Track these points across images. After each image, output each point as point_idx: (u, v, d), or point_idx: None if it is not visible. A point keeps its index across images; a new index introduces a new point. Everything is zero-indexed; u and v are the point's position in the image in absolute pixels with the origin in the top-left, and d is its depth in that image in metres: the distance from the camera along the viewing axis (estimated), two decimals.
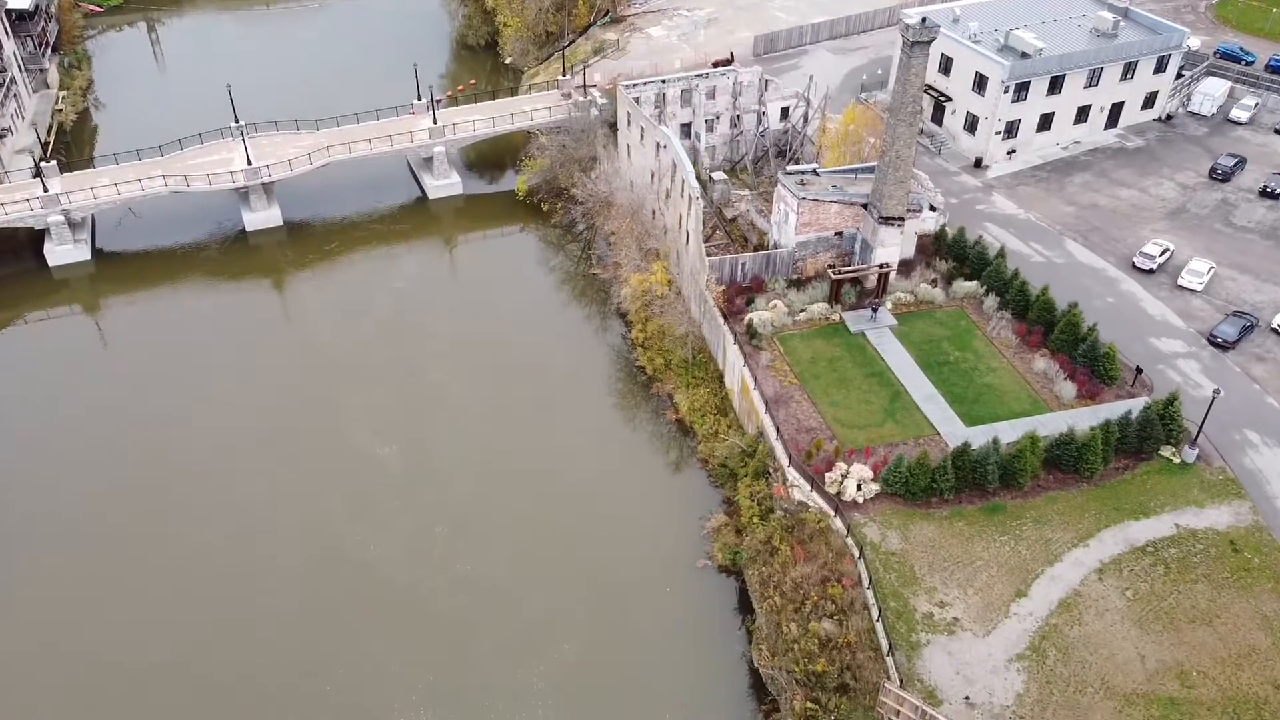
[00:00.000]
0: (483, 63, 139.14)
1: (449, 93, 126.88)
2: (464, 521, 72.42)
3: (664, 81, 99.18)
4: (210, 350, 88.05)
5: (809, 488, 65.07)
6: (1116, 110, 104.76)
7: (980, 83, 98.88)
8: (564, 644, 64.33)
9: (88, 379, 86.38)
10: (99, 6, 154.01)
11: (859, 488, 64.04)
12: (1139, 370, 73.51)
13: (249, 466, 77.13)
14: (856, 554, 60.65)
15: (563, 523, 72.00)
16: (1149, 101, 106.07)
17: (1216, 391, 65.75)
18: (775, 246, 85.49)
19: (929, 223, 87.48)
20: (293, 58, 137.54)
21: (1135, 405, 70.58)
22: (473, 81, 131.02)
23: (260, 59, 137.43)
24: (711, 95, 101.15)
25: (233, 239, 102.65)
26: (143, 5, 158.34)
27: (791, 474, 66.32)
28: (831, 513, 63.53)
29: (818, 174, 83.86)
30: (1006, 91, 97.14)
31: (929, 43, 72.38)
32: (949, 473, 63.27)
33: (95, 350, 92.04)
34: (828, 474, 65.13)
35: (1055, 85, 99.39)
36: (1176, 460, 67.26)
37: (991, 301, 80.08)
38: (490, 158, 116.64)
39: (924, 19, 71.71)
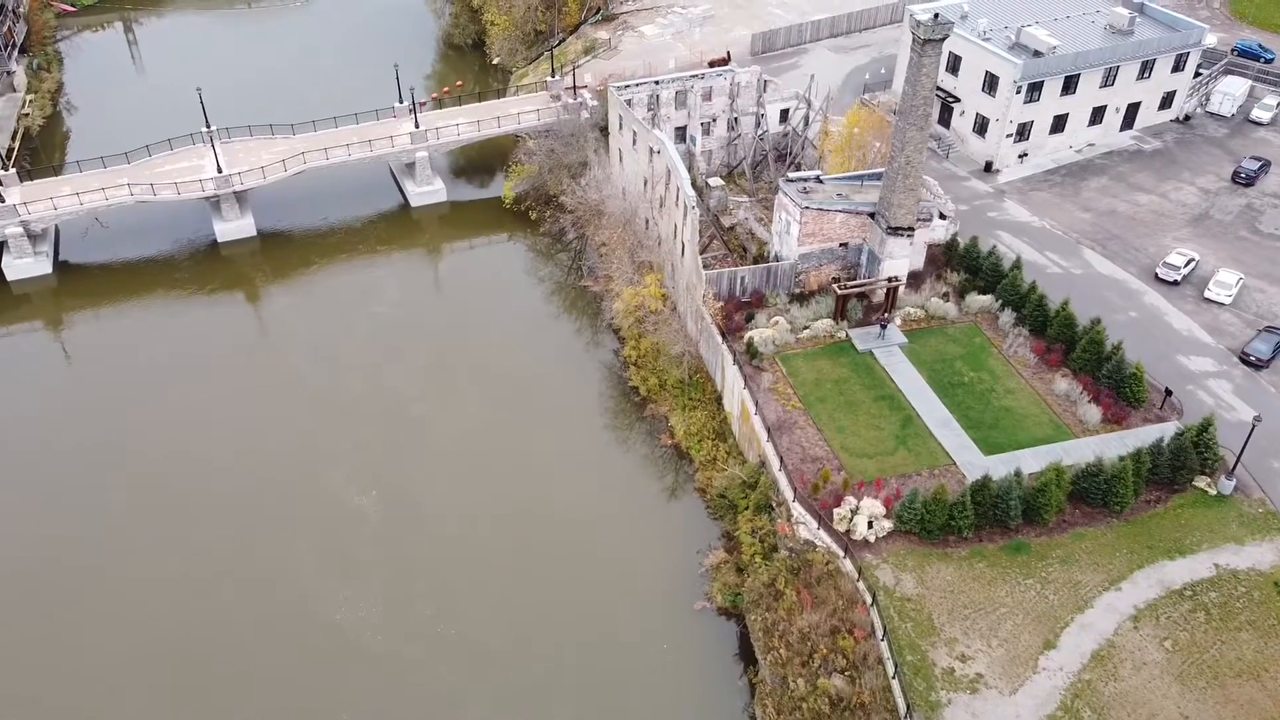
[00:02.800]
0: (470, 62, 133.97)
1: (434, 95, 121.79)
2: (447, 574, 66.18)
3: (657, 83, 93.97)
4: (174, 375, 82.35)
5: (816, 525, 59.97)
6: (1133, 111, 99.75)
7: (991, 83, 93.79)
8: (555, 712, 58.66)
9: (38, 404, 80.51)
10: (72, 6, 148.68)
11: (870, 525, 58.96)
12: (1168, 392, 68.47)
13: (208, 506, 71.03)
14: (869, 600, 55.54)
15: (553, 567, 66.44)
16: (1166, 101, 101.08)
17: (1257, 419, 60.73)
18: (776, 258, 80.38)
19: (939, 232, 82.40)
20: (272, 58, 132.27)
21: (1166, 431, 65.68)
22: (459, 83, 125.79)
23: (238, 59, 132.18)
24: (708, 97, 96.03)
25: (203, 250, 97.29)
26: (118, 4, 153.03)
27: (796, 509, 61.23)
28: (841, 553, 58.43)
29: (821, 181, 78.71)
30: (1019, 92, 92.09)
31: (942, 40, 67.25)
32: (968, 509, 58.21)
33: (51, 372, 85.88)
34: (836, 509, 60.05)
35: (1069, 85, 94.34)
36: (1212, 492, 62.26)
37: (1007, 317, 75.00)
38: (477, 162, 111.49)
39: (936, 15, 66.60)
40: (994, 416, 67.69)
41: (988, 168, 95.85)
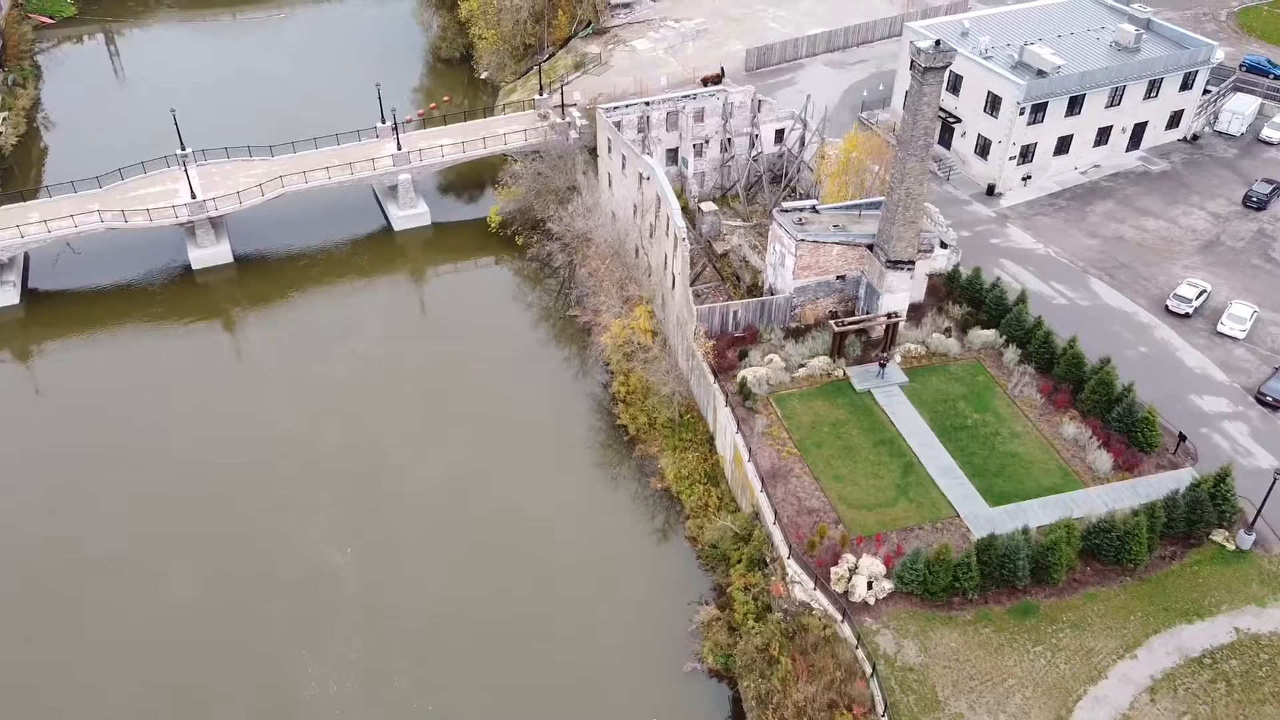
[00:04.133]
0: (458, 76, 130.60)
1: (420, 111, 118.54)
2: (425, 640, 62.24)
3: (648, 104, 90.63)
4: (142, 415, 78.53)
5: (812, 585, 56.64)
6: (1139, 131, 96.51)
7: (993, 103, 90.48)
8: None
9: None
10: (51, 18, 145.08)
11: (870, 586, 55.67)
12: (1182, 437, 65.19)
13: (172, 561, 66.93)
14: (869, 671, 52.21)
15: (537, 625, 62.80)
16: (1174, 121, 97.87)
17: (1278, 472, 57.29)
18: (771, 291, 77.08)
19: (940, 261, 79.12)
20: (254, 73, 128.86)
21: (1180, 479, 62.52)
22: (446, 99, 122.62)
23: (219, 74, 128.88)
24: (700, 118, 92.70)
25: (178, 277, 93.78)
26: (99, 17, 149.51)
27: (792, 567, 57.89)
28: (838, 617, 55.11)
29: (817, 211, 75.42)
30: (1022, 113, 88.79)
31: (944, 69, 63.92)
32: (973, 570, 54.90)
33: (12, 410, 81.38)
34: (833, 568, 56.75)
35: (1074, 105, 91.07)
36: (1230, 546, 59.00)
37: (1012, 354, 71.74)
38: (463, 181, 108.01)
39: (938, 42, 63.27)
40: (999, 463, 64.39)
41: (990, 191, 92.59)
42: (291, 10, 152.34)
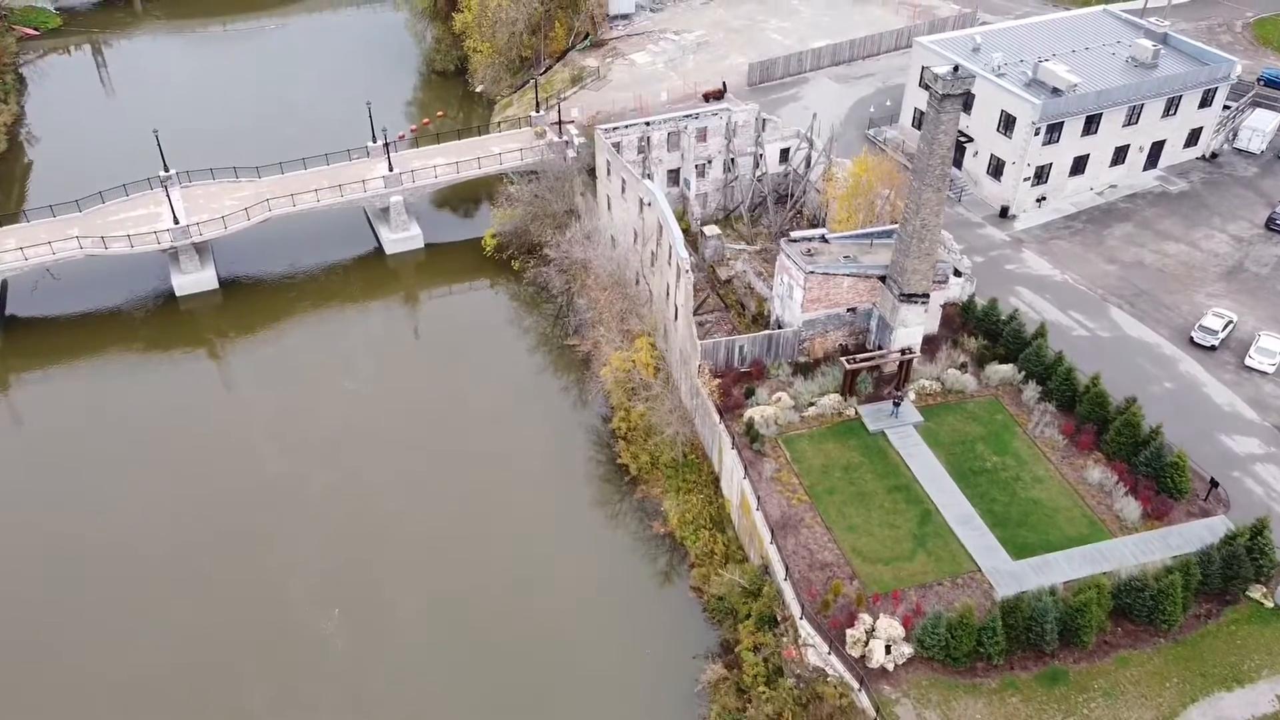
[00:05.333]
0: (453, 89, 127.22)
1: (412, 127, 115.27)
2: (417, 714, 58.78)
3: (648, 124, 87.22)
4: (119, 454, 74.83)
5: (826, 649, 53.31)
6: (1157, 149, 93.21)
7: (1007, 122, 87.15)
8: None
9: None
10: (35, 29, 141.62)
11: (888, 650, 52.35)
12: (1214, 483, 61.83)
13: (143, 621, 62.79)
14: None
15: (537, 678, 59.66)
16: (1192, 139, 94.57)
17: None
18: (778, 324, 73.74)
19: (955, 289, 75.81)
20: (242, 86, 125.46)
21: (1213, 528, 59.24)
22: (440, 113, 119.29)
23: (207, 88, 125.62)
24: (702, 137, 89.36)
25: (162, 304, 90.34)
26: (84, 28, 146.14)
27: (805, 629, 54.54)
28: (855, 685, 51.75)
29: (826, 240, 72.09)
30: (1037, 133, 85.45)
31: (961, 96, 60.57)
32: (998, 634, 51.56)
33: None
34: (849, 629, 53.41)
35: (1091, 124, 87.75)
36: (1269, 604, 55.74)
37: (1032, 391, 68.38)
38: (458, 197, 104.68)
39: (956, 67, 60.02)
40: (1021, 511, 61.04)
41: (1003, 213, 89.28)
42: (284, 20, 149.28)
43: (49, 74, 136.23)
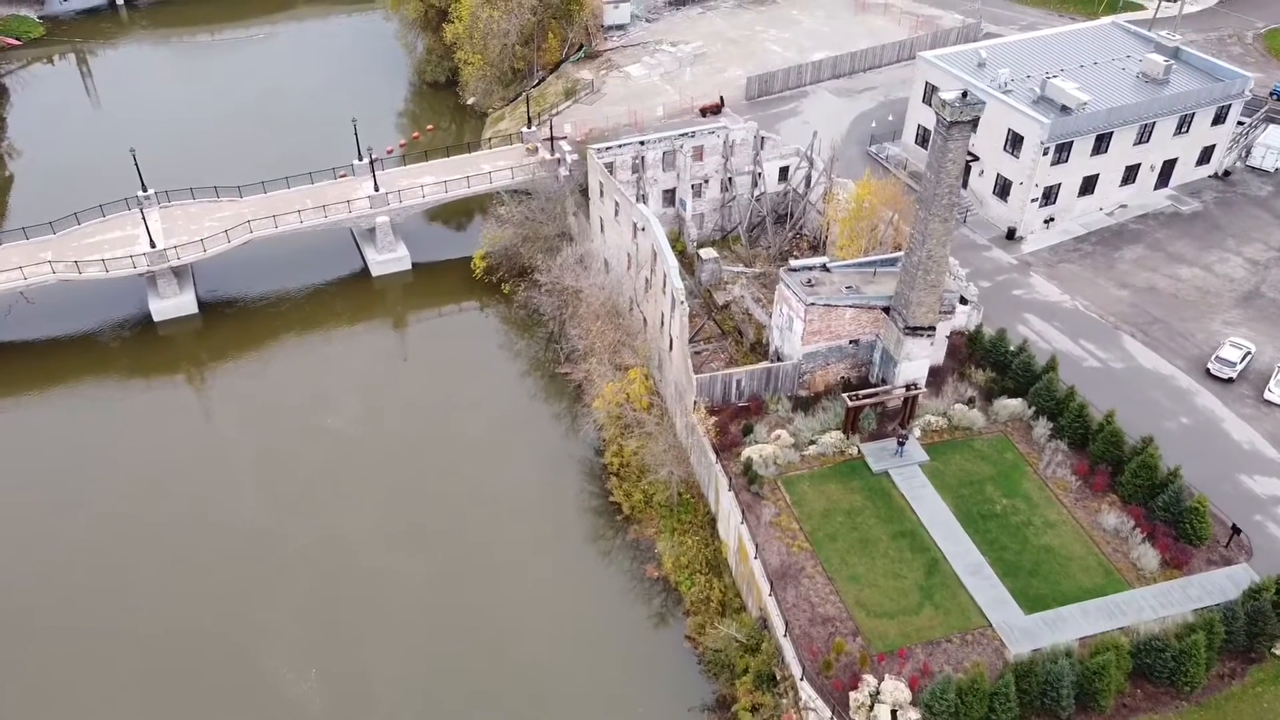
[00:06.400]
0: (445, 101, 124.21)
1: (401, 142, 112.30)
2: None
3: (642, 143, 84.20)
4: (85, 503, 70.97)
5: (830, 714, 50.24)
6: (1168, 168, 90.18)
7: (1014, 142, 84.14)
8: None
9: None
10: (17, 39, 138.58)
11: (894, 715, 49.30)
12: (1235, 529, 58.80)
13: (106, 686, 59.35)
14: None
15: None
16: (1204, 156, 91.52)
17: None
18: (777, 356, 70.68)
19: (961, 316, 72.78)
20: (228, 98, 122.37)
21: (1235, 576, 56.29)
22: (430, 127, 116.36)
23: (193, 100, 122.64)
24: (699, 156, 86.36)
25: (140, 329, 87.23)
26: (68, 37, 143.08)
27: (806, 691, 51.51)
28: None
29: (828, 269, 69.01)
30: (1046, 153, 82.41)
31: (971, 123, 57.51)
32: (1011, 701, 48.55)
33: None
34: (853, 691, 50.42)
35: (1101, 143, 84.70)
36: None
37: (1043, 428, 65.36)
38: (447, 213, 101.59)
39: (965, 93, 56.85)
40: (1033, 559, 58.01)
41: (1010, 235, 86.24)
42: (272, 28, 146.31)
43: (31, 84, 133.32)
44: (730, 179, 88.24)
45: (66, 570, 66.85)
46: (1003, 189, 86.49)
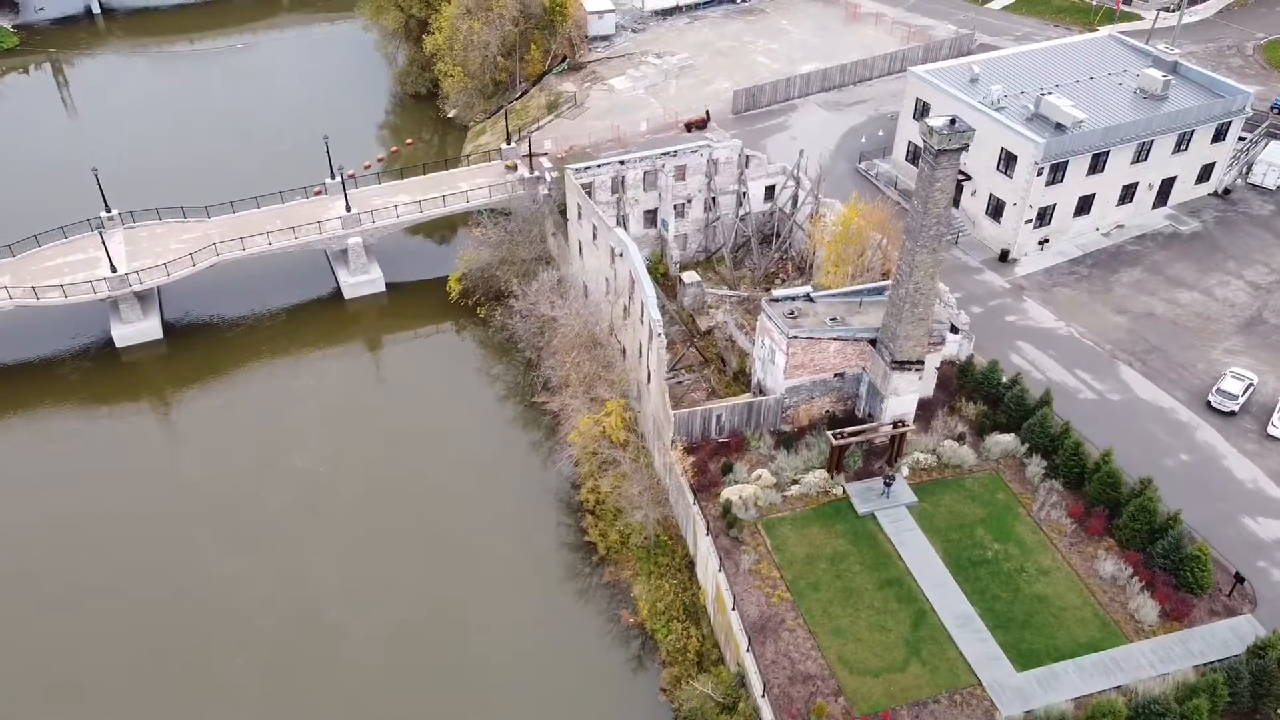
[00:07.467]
0: (425, 113, 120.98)
1: (380, 156, 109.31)
2: None
3: (622, 163, 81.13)
4: (38, 550, 67.61)
5: None
6: (1167, 186, 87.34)
7: (1007, 161, 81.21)
8: None
9: None
10: None
11: None
12: (1239, 578, 55.89)
13: None
14: None
15: None
16: (1204, 174, 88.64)
17: None
18: (760, 389, 67.69)
19: (951, 346, 69.88)
20: (203, 110, 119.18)
21: (1238, 628, 53.51)
22: (409, 142, 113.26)
23: (165, 113, 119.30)
24: (681, 175, 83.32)
25: (102, 355, 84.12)
26: (43, 47, 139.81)
27: None
28: None
29: (811, 299, 66.05)
30: (1040, 173, 79.50)
31: (959, 151, 54.59)
32: None
33: None
34: None
35: (1098, 162, 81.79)
36: None
37: (1036, 466, 62.43)
38: (425, 231, 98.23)
39: (953, 119, 53.95)
40: (1026, 610, 55.10)
41: (1003, 256, 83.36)
42: (254, 37, 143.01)
43: (4, 95, 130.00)
44: (714, 199, 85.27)
45: (9, 609, 63.74)
46: (996, 209, 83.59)
